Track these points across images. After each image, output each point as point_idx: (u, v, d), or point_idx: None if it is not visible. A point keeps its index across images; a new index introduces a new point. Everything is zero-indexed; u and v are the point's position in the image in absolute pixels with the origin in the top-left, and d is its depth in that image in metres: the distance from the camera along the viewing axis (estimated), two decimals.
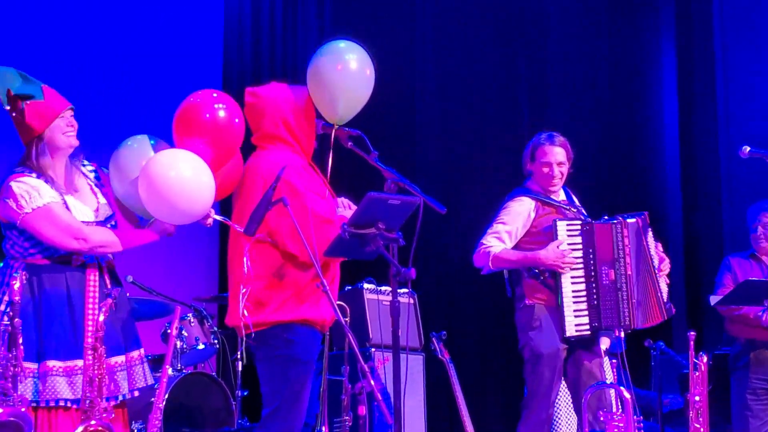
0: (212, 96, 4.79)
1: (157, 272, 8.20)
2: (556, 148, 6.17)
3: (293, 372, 4.71)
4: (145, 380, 4.92)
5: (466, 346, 9.23)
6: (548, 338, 5.97)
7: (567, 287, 5.96)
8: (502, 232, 6.09)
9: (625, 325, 5.98)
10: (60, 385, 4.68)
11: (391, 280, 4.40)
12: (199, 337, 7.27)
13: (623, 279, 5.99)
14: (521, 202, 6.14)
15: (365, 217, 4.43)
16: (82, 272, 4.81)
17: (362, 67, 4.98)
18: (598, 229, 6.02)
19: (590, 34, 9.97)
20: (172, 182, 4.53)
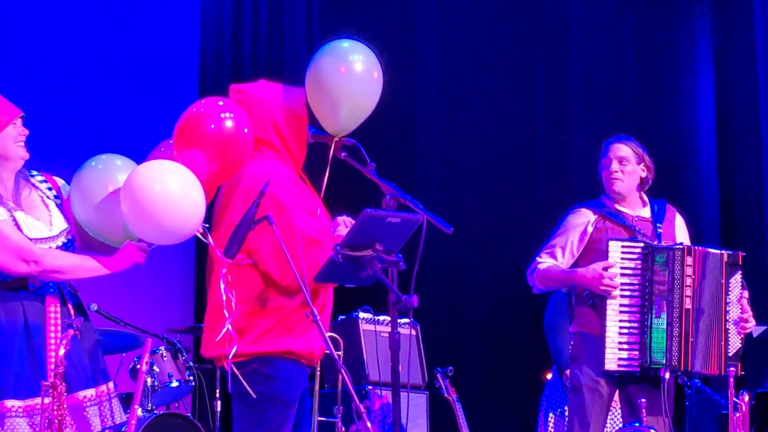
0: (218, 104, 4.78)
1: (125, 300, 8.20)
2: (621, 144, 6.21)
3: (271, 413, 4.67)
4: (117, 418, 4.92)
5: (475, 384, 9.24)
6: (588, 371, 5.99)
7: (612, 315, 5.94)
8: (556, 247, 6.13)
9: (673, 366, 5.92)
10: (20, 427, 4.68)
11: (390, 308, 4.40)
12: (173, 373, 7.26)
13: (676, 313, 5.94)
14: (578, 214, 6.18)
15: (361, 238, 4.43)
16: (42, 300, 4.81)
17: (369, 69, 4.94)
18: (657, 253, 5.99)
19: (616, 37, 10.00)
20: (158, 198, 4.53)
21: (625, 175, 6.18)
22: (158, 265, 8.40)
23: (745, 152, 9.68)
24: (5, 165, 4.86)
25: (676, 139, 10.00)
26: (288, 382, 4.70)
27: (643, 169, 6.23)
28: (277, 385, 4.68)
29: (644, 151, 6.25)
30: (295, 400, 4.72)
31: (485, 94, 9.90)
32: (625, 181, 6.18)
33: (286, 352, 4.68)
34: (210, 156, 4.63)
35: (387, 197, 4.58)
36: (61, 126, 8.22)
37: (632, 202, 6.23)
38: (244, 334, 4.67)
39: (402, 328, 6.03)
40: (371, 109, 4.98)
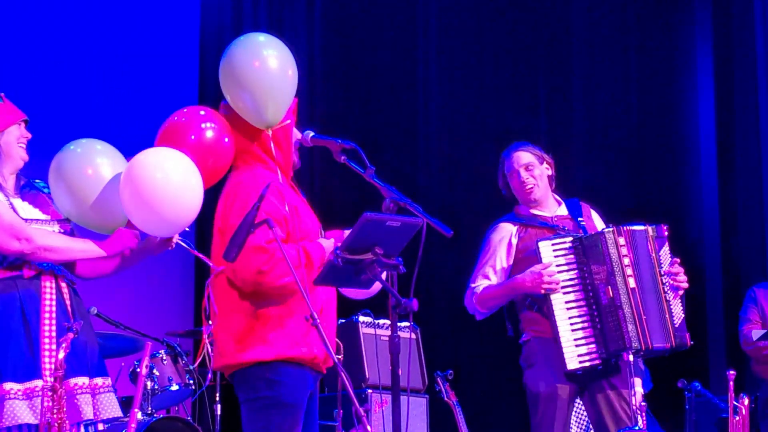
0: (199, 114, 4.79)
1: (125, 303, 8.20)
2: (518, 152, 6.19)
3: (277, 417, 4.68)
4: (111, 411, 4.93)
5: (475, 387, 9.23)
6: (545, 375, 5.92)
7: (561, 314, 5.84)
8: (486, 267, 6.08)
9: (635, 347, 5.78)
10: (20, 409, 4.72)
11: (390, 312, 4.40)
12: (173, 376, 7.26)
13: (624, 294, 5.83)
14: (498, 230, 6.14)
15: (361, 241, 4.43)
16: (37, 285, 4.87)
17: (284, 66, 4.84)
18: (586, 241, 5.91)
19: (617, 41, 10.00)
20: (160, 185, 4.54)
21: (537, 180, 6.15)
22: (158, 269, 8.41)
23: (745, 157, 9.67)
24: (7, 163, 4.97)
25: (677, 145, 10.00)
26: (293, 386, 4.71)
27: (548, 168, 6.22)
28: (283, 390, 4.69)
29: (541, 150, 6.24)
30: (301, 403, 4.73)
31: (487, 97, 9.90)
32: (539, 185, 6.16)
33: (288, 358, 4.70)
34: None
35: (387, 201, 4.58)
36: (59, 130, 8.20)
37: (549, 205, 6.20)
38: (243, 342, 4.69)
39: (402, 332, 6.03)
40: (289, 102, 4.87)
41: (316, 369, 4.81)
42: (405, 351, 4.59)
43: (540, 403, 5.94)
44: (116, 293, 7.98)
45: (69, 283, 4.98)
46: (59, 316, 4.87)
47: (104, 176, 4.78)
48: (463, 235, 9.19)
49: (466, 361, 9.38)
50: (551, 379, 5.90)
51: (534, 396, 5.97)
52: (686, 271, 6.04)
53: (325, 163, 8.45)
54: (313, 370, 4.80)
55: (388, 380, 4.68)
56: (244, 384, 4.75)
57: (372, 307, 7.75)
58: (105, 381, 4.98)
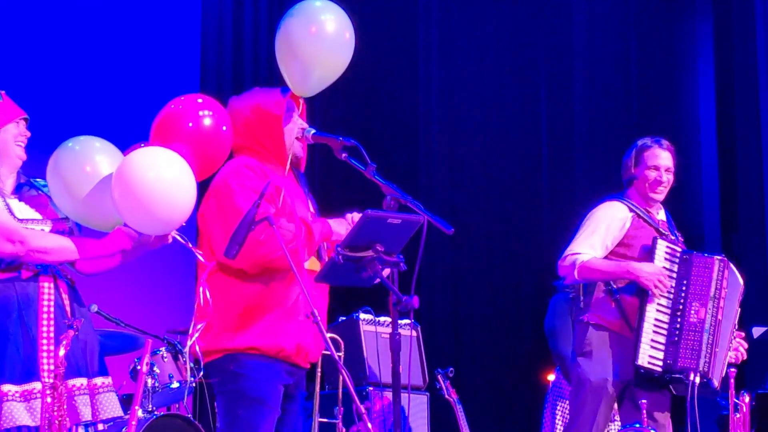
0: (196, 102, 4.79)
1: (125, 301, 8.19)
2: (667, 152, 6.24)
3: (242, 411, 4.67)
4: (111, 411, 4.92)
5: (476, 385, 9.23)
6: (598, 366, 5.97)
7: (651, 313, 5.93)
8: (596, 239, 6.06)
9: (703, 372, 5.92)
10: (18, 411, 4.70)
11: (391, 309, 4.40)
12: (173, 374, 7.25)
13: (711, 322, 5.98)
14: (616, 208, 6.13)
15: (362, 238, 4.43)
16: (35, 286, 4.85)
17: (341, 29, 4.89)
18: (696, 260, 6.02)
19: (618, 36, 10.00)
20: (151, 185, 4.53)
21: (668, 185, 6.24)
22: (159, 266, 8.41)
23: (746, 150, 9.67)
24: (4, 163, 4.94)
25: (678, 138, 9.99)
26: (258, 380, 4.69)
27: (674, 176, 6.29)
28: (246, 383, 4.69)
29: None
30: (268, 398, 4.70)
31: (488, 94, 9.90)
32: (667, 190, 6.23)
33: (250, 348, 4.68)
34: (187, 154, 4.65)
35: (388, 198, 4.58)
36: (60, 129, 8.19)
37: (657, 205, 6.26)
38: (211, 329, 4.70)
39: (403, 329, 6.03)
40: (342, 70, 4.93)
41: (290, 362, 4.77)
42: (406, 348, 4.59)
43: (585, 391, 5.97)
44: (117, 291, 7.97)
45: (68, 284, 4.96)
46: (57, 318, 4.85)
47: (102, 174, 4.74)
48: (464, 233, 9.21)
49: (466, 358, 9.38)
50: (604, 372, 5.95)
51: (581, 383, 6.00)
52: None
53: (326, 161, 8.45)
54: (287, 364, 4.76)
55: (388, 378, 4.67)
56: (213, 375, 4.77)
57: (373, 304, 7.75)
58: (105, 381, 4.96)
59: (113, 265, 5.04)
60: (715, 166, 9.83)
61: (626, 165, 6.27)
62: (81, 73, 8.65)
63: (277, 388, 4.73)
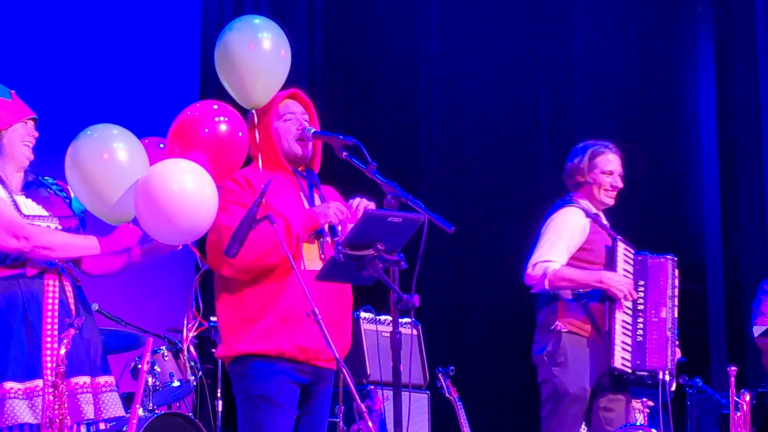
0: (212, 108, 4.80)
1: (126, 300, 8.19)
2: (617, 157, 6.23)
3: (251, 411, 4.76)
4: (113, 411, 4.92)
5: (477, 383, 9.23)
6: (575, 376, 5.95)
7: (619, 314, 5.96)
8: (560, 245, 6.06)
9: (670, 369, 5.99)
10: (20, 409, 4.70)
11: (392, 308, 4.40)
12: (174, 372, 7.26)
13: (671, 319, 6.04)
14: (575, 214, 6.13)
15: (362, 237, 4.43)
16: (39, 284, 4.84)
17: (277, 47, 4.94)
18: (651, 262, 6.06)
19: (619, 30, 10.00)
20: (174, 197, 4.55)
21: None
22: (160, 265, 8.39)
23: (746, 149, 9.67)
24: (11, 162, 4.92)
25: (678, 137, 9.99)
26: (260, 378, 4.75)
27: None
28: (249, 382, 4.76)
29: None
30: (273, 395, 4.74)
31: (488, 93, 9.90)
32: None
33: (251, 354, 4.75)
34: (204, 160, 4.66)
35: (388, 197, 4.58)
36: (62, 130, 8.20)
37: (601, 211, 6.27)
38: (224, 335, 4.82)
39: (403, 328, 6.04)
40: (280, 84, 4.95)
41: (299, 361, 4.80)
42: (406, 347, 4.60)
43: (563, 404, 5.97)
44: (118, 290, 7.97)
45: (73, 282, 4.96)
46: (62, 316, 4.84)
47: (120, 161, 4.72)
48: (465, 231, 9.21)
49: (467, 357, 9.38)
50: (580, 381, 5.95)
51: (559, 395, 5.98)
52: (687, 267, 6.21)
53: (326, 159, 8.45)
54: (295, 363, 4.79)
55: (389, 376, 4.67)
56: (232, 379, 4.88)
57: (373, 302, 7.75)
58: (108, 380, 4.95)
59: (119, 267, 5.04)
60: (716, 164, 9.82)
61: (577, 169, 6.23)
62: (82, 75, 8.65)
63: (284, 385, 4.76)
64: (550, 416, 6.02)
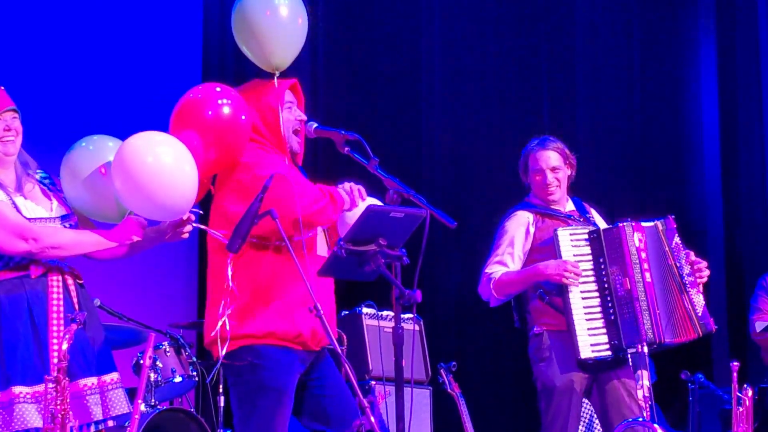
0: (215, 90, 4.80)
1: (128, 295, 8.19)
2: (548, 152, 6.14)
3: (262, 401, 4.71)
4: (121, 408, 4.91)
5: (479, 379, 9.22)
6: (560, 368, 5.93)
7: (577, 303, 5.89)
8: (504, 255, 6.07)
9: (650, 339, 5.84)
10: (29, 414, 4.70)
11: (394, 303, 4.41)
12: (176, 368, 7.26)
13: (641, 287, 5.89)
14: (516, 217, 6.13)
15: (364, 232, 4.43)
16: (44, 283, 4.83)
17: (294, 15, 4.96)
18: (606, 234, 5.96)
19: (620, 26, 9.99)
20: (149, 169, 4.53)
21: (560, 183, 6.16)
22: (161, 260, 8.41)
23: (748, 148, 9.67)
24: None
25: (680, 136, 9.99)
26: (276, 369, 4.71)
27: (569, 167, 6.20)
28: (265, 373, 4.71)
29: (566, 147, 6.22)
30: (286, 387, 4.72)
31: (491, 88, 9.89)
32: (560, 188, 6.17)
33: (268, 334, 4.70)
34: (207, 143, 4.65)
35: (390, 192, 4.59)
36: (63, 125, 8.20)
37: (562, 201, 6.22)
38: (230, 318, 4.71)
39: (405, 323, 6.03)
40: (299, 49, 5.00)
41: (306, 348, 4.78)
42: (408, 342, 4.62)
43: (554, 397, 5.95)
44: (119, 285, 7.97)
45: (75, 279, 4.95)
46: (67, 316, 4.82)
47: None
48: (467, 226, 9.20)
49: (469, 352, 9.37)
50: (566, 373, 5.92)
51: (548, 390, 5.97)
52: None
53: (328, 155, 8.45)
54: (302, 351, 4.78)
55: (391, 372, 4.68)
56: (230, 367, 4.77)
57: (375, 298, 7.75)
58: (113, 377, 4.94)
59: (121, 255, 5.02)
60: (718, 161, 9.82)
61: (520, 173, 6.25)
62: (84, 69, 8.64)
63: (294, 378, 4.77)
64: (545, 412, 6.02)
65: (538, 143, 6.19)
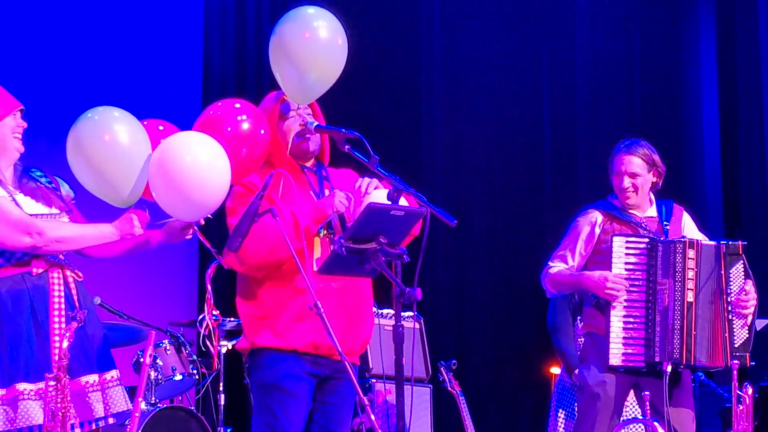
0: (234, 107, 4.82)
1: (128, 293, 8.20)
2: (631, 156, 6.10)
3: (266, 399, 4.79)
4: (122, 405, 4.93)
5: (479, 377, 9.23)
6: (594, 371, 5.96)
7: (617, 310, 5.90)
8: (566, 250, 6.10)
9: (675, 359, 5.87)
10: (33, 410, 4.72)
11: (394, 301, 4.40)
12: (176, 366, 7.26)
13: (678, 306, 5.91)
14: (586, 215, 6.14)
15: (365, 230, 4.43)
16: (45, 279, 4.85)
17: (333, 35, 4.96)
18: (663, 247, 5.95)
19: (621, 23, 9.99)
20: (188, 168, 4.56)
21: (638, 189, 6.12)
22: (162, 258, 8.41)
23: (748, 148, 9.67)
24: (3, 156, 4.93)
25: (681, 134, 9.99)
26: (272, 366, 4.78)
27: (654, 174, 6.16)
28: (262, 371, 4.80)
29: (654, 153, 6.16)
30: (284, 384, 4.76)
31: (491, 87, 9.89)
32: (638, 194, 6.13)
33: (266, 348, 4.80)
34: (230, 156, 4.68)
35: (390, 190, 4.58)
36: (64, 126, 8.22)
37: (642, 205, 6.19)
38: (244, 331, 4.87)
39: (406, 322, 6.03)
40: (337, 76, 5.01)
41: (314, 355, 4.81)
42: (409, 340, 4.62)
43: (584, 398, 5.97)
44: (120, 283, 7.97)
45: (75, 275, 4.96)
46: (68, 312, 4.84)
47: (121, 143, 4.72)
48: (467, 225, 9.21)
49: (469, 350, 9.38)
50: (600, 375, 5.93)
51: (581, 388, 6.02)
52: None
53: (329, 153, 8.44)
54: (313, 356, 4.80)
55: (391, 370, 4.68)
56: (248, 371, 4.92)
57: (376, 296, 7.74)
58: (113, 374, 4.96)
59: (120, 251, 5.03)
60: (718, 160, 9.82)
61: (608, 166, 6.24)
62: (85, 71, 8.65)
63: (300, 377, 4.79)
64: (580, 415, 6.05)
65: (626, 146, 6.16)
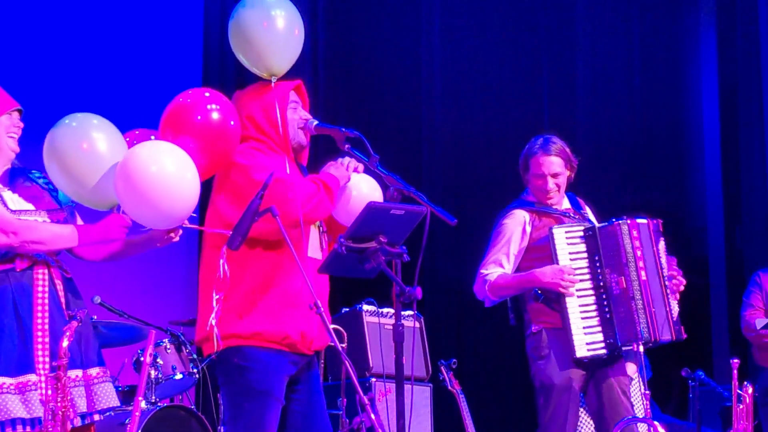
0: (204, 95, 4.80)
1: (128, 292, 8.20)
2: (551, 157, 6.04)
3: (248, 404, 4.68)
4: (107, 402, 4.89)
5: (479, 376, 9.23)
6: (559, 365, 5.92)
7: (572, 302, 5.86)
8: (500, 255, 6.03)
9: (645, 338, 5.83)
10: (13, 404, 4.69)
11: (395, 300, 4.40)
12: (177, 365, 7.26)
13: (636, 285, 5.88)
14: (512, 216, 6.08)
15: (365, 229, 4.43)
16: (29, 276, 4.83)
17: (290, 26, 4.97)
18: (601, 232, 5.92)
19: (621, 23, 10.00)
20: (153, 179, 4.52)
21: (560, 187, 6.09)
22: (162, 257, 8.41)
23: (748, 145, 9.67)
24: None
25: (680, 133, 9.99)
26: (263, 372, 4.68)
27: (569, 169, 6.12)
28: (252, 376, 4.68)
29: (566, 146, 6.12)
30: (273, 390, 4.69)
31: (491, 86, 9.89)
32: (560, 192, 6.11)
33: (254, 335, 4.67)
34: (198, 148, 4.65)
35: (391, 189, 4.58)
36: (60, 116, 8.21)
37: (560, 201, 6.16)
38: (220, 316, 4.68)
39: (406, 321, 6.04)
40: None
41: (294, 351, 4.76)
42: (409, 340, 4.62)
43: (553, 395, 5.92)
44: (119, 282, 7.97)
45: (63, 274, 4.94)
46: (52, 309, 4.83)
47: (99, 151, 4.71)
48: (468, 224, 9.20)
49: (469, 349, 9.38)
50: (564, 370, 5.90)
51: (547, 388, 5.94)
52: (689, 260, 6.07)
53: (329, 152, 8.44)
54: (291, 353, 4.75)
55: (391, 369, 4.68)
56: (218, 367, 4.77)
57: (376, 295, 7.75)
58: (101, 371, 4.93)
59: (105, 254, 5.01)
60: (718, 158, 9.82)
61: (520, 169, 6.17)
62: (84, 68, 8.65)
63: (282, 379, 4.73)
64: (543, 410, 6.00)
65: (541, 146, 6.07)
